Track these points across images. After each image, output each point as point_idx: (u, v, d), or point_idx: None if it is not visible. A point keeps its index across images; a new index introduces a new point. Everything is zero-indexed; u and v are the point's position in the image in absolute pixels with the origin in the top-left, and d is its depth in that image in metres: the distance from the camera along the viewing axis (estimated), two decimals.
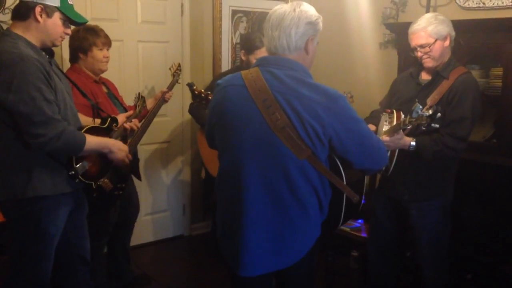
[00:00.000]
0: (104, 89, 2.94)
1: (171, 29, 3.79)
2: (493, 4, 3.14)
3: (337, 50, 4.25)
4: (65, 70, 3.20)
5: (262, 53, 3.20)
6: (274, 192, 1.74)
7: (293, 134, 1.67)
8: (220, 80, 1.86)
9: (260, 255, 1.79)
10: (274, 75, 1.72)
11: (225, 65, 4.10)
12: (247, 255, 1.78)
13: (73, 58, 2.84)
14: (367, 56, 4.03)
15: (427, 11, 3.38)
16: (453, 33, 2.49)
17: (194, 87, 2.70)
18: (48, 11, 2.03)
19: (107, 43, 2.85)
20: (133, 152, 2.89)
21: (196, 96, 2.67)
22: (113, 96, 2.98)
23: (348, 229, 3.38)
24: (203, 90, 2.68)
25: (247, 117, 1.73)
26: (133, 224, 3.23)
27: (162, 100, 3.21)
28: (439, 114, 2.07)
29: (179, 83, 3.45)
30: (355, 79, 4.12)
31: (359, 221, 3.51)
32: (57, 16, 2.06)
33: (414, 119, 2.15)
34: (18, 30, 2.03)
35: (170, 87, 3.28)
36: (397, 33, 3.57)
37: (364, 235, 3.42)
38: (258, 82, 1.72)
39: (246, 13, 4.16)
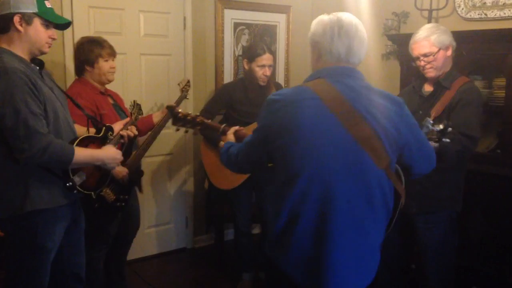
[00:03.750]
0: (110, 101, 2.95)
1: (173, 42, 3.81)
2: (495, 15, 3.15)
3: None
4: (68, 81, 3.25)
5: (263, 60, 3.20)
6: (353, 205, 1.64)
7: (377, 144, 1.62)
8: (275, 96, 1.68)
9: (345, 277, 1.68)
10: (348, 86, 1.65)
11: (228, 77, 4.11)
12: (335, 278, 1.66)
13: (79, 71, 2.86)
14: (369, 67, 4.03)
15: (429, 22, 3.39)
16: (454, 44, 2.49)
17: (176, 110, 2.40)
18: (26, 18, 2.00)
19: (112, 53, 2.86)
20: (137, 165, 2.89)
21: (178, 120, 2.36)
22: (119, 108, 2.99)
23: None
24: (189, 113, 2.41)
25: (329, 132, 1.62)
26: (131, 240, 3.17)
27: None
28: (450, 129, 2.05)
29: (187, 98, 3.46)
30: None
31: None
32: (37, 22, 2.03)
33: (425, 134, 2.10)
34: (3, 44, 2.02)
35: (178, 102, 3.29)
36: (399, 44, 3.59)
37: None
38: (333, 94, 1.64)
39: (248, 26, 4.18)
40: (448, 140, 2.10)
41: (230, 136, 2.11)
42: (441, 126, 2.08)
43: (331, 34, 1.66)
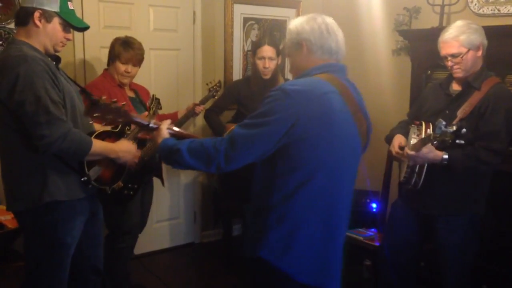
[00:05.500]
0: (131, 94, 3.00)
1: (183, 36, 3.80)
2: (508, 10, 3.11)
3: (350, 57, 4.18)
4: (78, 76, 3.27)
5: (262, 51, 3.20)
6: (349, 201, 1.83)
7: (366, 139, 1.81)
8: (295, 86, 1.64)
9: (338, 270, 1.82)
10: (349, 83, 1.78)
11: (237, 72, 4.10)
12: (337, 268, 1.80)
13: (107, 63, 2.96)
14: (379, 63, 4.00)
15: (441, 18, 3.35)
16: (486, 42, 2.39)
17: (97, 96, 1.81)
18: (47, 16, 2.02)
19: (133, 59, 2.88)
20: (150, 156, 2.88)
21: (97, 107, 1.78)
22: (140, 102, 3.02)
23: (361, 238, 3.34)
24: (115, 100, 1.84)
25: (348, 127, 1.71)
26: (137, 235, 3.16)
27: (192, 112, 3.24)
28: (464, 130, 1.98)
29: (215, 97, 3.49)
30: (367, 85, 4.09)
31: (373, 230, 3.47)
32: (56, 21, 2.05)
33: (438, 135, 2.07)
34: (21, 36, 2.04)
35: (203, 101, 3.31)
36: (410, 40, 3.55)
37: (377, 244, 3.37)
38: (345, 89, 1.72)
39: (257, 21, 4.16)
40: (462, 141, 2.03)
41: (165, 132, 1.86)
42: (454, 128, 2.02)
43: (320, 31, 1.73)
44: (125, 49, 2.86)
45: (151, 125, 1.89)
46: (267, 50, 3.20)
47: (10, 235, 2.77)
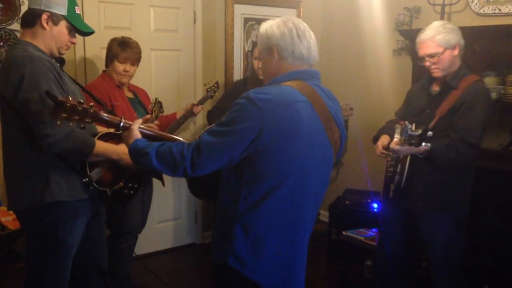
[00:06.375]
0: (129, 95, 3.02)
1: (183, 37, 3.80)
2: (509, 10, 3.10)
3: (350, 57, 4.23)
4: (79, 77, 3.27)
5: (256, 51, 3.20)
6: (314, 210, 1.80)
7: (339, 145, 1.78)
8: (263, 94, 1.59)
9: (303, 276, 1.82)
10: (322, 89, 1.73)
11: (237, 72, 4.10)
12: (301, 274, 1.80)
13: (105, 64, 3.00)
14: (381, 62, 4.00)
15: (442, 18, 3.35)
16: (462, 42, 2.43)
17: (62, 99, 1.78)
18: (54, 19, 2.04)
19: (131, 58, 2.92)
20: None
21: (63, 110, 1.77)
22: (138, 103, 3.05)
23: (362, 238, 3.34)
24: (81, 101, 1.82)
25: (317, 136, 1.68)
26: (136, 236, 3.16)
27: (190, 112, 3.25)
28: (430, 133, 2.04)
29: (213, 98, 3.49)
30: (368, 85, 4.10)
31: (374, 230, 3.47)
32: (63, 24, 2.07)
33: (407, 139, 2.13)
34: (27, 37, 2.06)
35: (201, 101, 3.31)
36: (411, 40, 3.53)
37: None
38: (316, 97, 1.68)
39: (258, 21, 4.16)
40: (428, 144, 2.10)
41: (137, 132, 1.82)
42: (419, 131, 2.07)
43: (291, 36, 1.68)
44: (123, 49, 2.89)
45: (122, 124, 1.84)
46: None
47: (11, 236, 2.77)
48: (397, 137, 2.42)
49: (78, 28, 2.12)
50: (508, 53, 2.88)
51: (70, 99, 1.77)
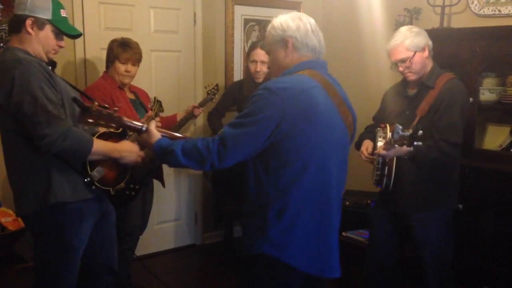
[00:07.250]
0: (131, 96, 3.03)
1: (183, 38, 3.81)
2: (509, 11, 3.11)
3: (350, 57, 4.23)
4: (79, 80, 3.27)
5: (254, 55, 3.22)
6: (339, 190, 1.87)
7: (352, 130, 1.90)
8: (280, 83, 1.70)
9: (337, 258, 1.88)
10: (331, 78, 1.85)
11: (237, 73, 4.10)
12: (335, 256, 1.85)
13: (106, 66, 3.00)
14: (380, 63, 3.99)
15: (441, 19, 3.35)
16: (430, 43, 2.51)
17: (90, 103, 1.91)
18: (39, 23, 2.03)
19: (132, 59, 2.94)
20: (151, 158, 2.88)
21: (90, 114, 1.86)
22: (140, 104, 3.05)
23: (362, 239, 3.33)
24: (106, 106, 1.94)
25: (333, 119, 1.78)
26: (137, 237, 3.17)
27: (191, 114, 3.25)
28: (420, 132, 2.07)
29: (213, 100, 3.49)
30: (368, 86, 4.09)
31: None
32: (48, 28, 2.05)
33: (397, 140, 2.15)
34: (15, 43, 2.05)
35: (202, 104, 3.32)
36: None
37: None
38: (328, 84, 1.79)
39: (258, 22, 4.17)
40: (420, 143, 2.12)
41: (156, 132, 1.89)
42: (410, 131, 2.10)
43: (306, 29, 1.81)
44: (124, 49, 2.90)
45: (144, 128, 1.91)
46: (259, 54, 3.20)
47: (11, 237, 2.77)
48: (380, 141, 2.49)
49: (64, 32, 2.10)
50: (508, 54, 2.88)
51: (96, 104, 1.82)
